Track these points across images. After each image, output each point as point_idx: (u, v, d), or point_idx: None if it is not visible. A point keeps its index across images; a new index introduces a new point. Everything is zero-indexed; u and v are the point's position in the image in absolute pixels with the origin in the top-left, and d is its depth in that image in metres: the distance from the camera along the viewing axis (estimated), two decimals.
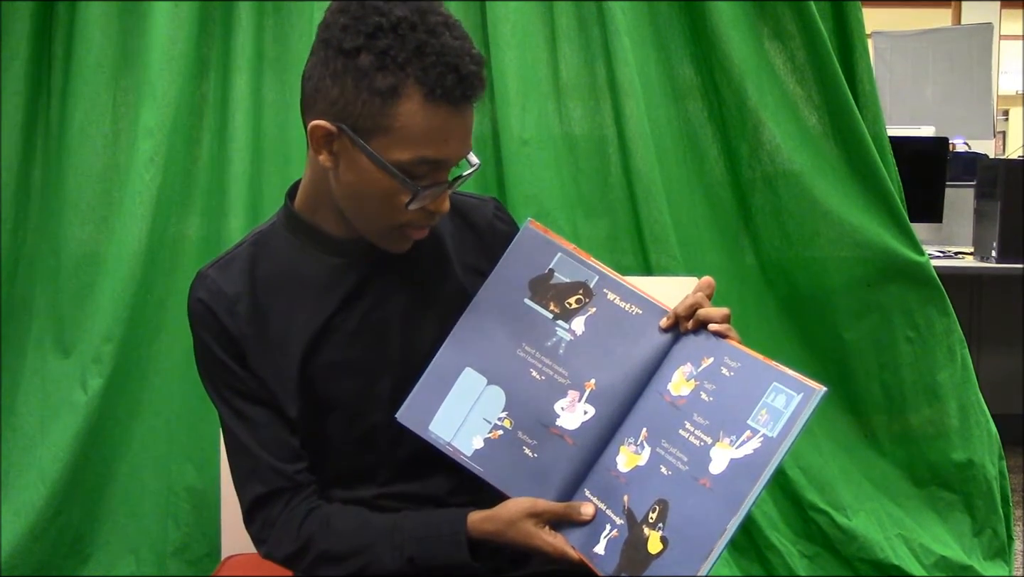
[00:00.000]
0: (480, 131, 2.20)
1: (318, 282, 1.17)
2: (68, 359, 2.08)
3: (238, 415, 1.18)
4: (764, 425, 1.03)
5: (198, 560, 2.10)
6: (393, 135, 1.03)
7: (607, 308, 1.15)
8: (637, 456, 1.09)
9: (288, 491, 1.17)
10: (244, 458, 1.18)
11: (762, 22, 2.18)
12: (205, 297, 1.16)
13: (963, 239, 3.64)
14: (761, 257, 2.26)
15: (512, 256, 1.19)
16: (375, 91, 1.01)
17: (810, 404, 1.01)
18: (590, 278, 1.17)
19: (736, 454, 1.03)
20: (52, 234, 2.10)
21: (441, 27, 1.02)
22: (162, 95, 2.03)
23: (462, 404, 1.15)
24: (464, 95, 1.03)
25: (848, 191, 2.19)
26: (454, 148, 1.06)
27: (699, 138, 2.24)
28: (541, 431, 1.12)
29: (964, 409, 2.26)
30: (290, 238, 1.19)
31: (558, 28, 2.18)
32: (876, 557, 2.20)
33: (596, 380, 1.13)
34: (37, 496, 2.02)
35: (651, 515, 1.04)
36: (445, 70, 1.00)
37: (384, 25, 1.00)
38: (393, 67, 1.00)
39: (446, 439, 1.14)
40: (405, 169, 1.04)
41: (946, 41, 4.96)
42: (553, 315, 1.16)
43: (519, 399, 1.14)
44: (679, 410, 1.09)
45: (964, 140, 4.45)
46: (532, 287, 1.17)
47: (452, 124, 1.04)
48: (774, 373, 1.05)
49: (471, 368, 1.15)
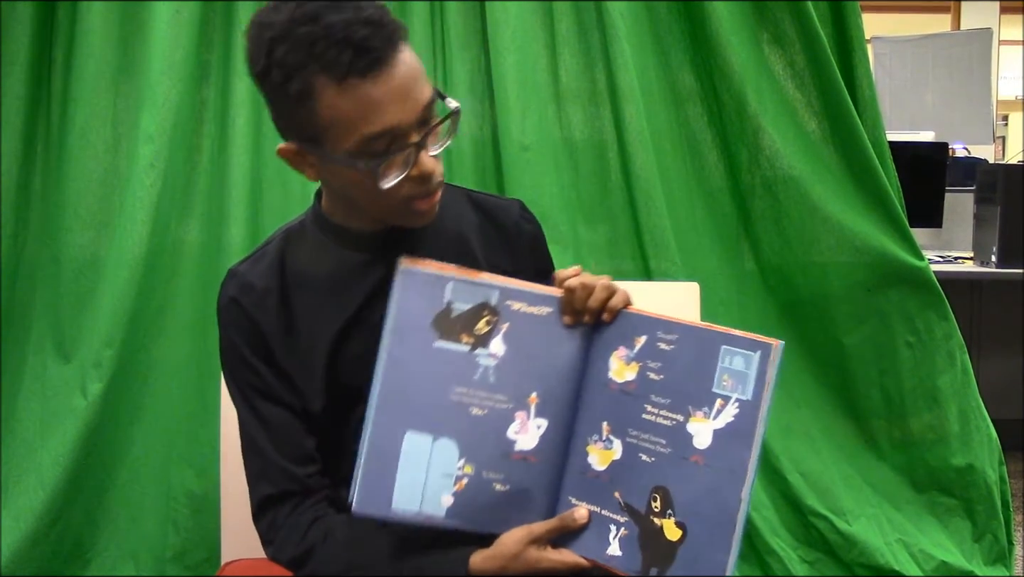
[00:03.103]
0: (480, 136, 2.21)
1: (346, 277, 1.18)
2: (68, 364, 2.08)
3: (256, 415, 1.18)
4: (734, 390, 1.03)
5: (197, 565, 2.09)
6: (330, 130, 1.03)
7: (518, 319, 1.12)
8: (609, 451, 1.09)
9: (297, 495, 1.18)
10: (257, 457, 1.19)
11: (762, 27, 2.18)
12: (235, 293, 1.18)
13: (963, 244, 3.64)
14: (761, 262, 2.26)
15: (401, 304, 1.11)
16: (294, 100, 1.02)
17: (773, 359, 1.02)
18: (490, 296, 1.12)
19: (717, 425, 1.03)
20: (52, 239, 2.10)
21: (324, 9, 0.99)
22: (162, 100, 2.03)
23: (416, 470, 1.08)
24: (371, 61, 0.99)
25: (848, 196, 2.19)
26: (393, 113, 1.01)
27: (699, 143, 2.24)
28: (504, 462, 1.09)
29: (964, 414, 2.26)
30: (318, 235, 1.20)
31: (558, 33, 2.18)
32: (876, 562, 2.20)
33: (536, 392, 1.11)
34: (37, 501, 2.02)
35: (654, 505, 1.04)
36: (339, 49, 0.98)
37: (275, 36, 1.01)
38: (295, 71, 1.00)
39: (414, 510, 1.08)
40: (362, 153, 1.03)
41: (946, 46, 4.97)
42: (469, 346, 1.11)
43: (470, 442, 1.09)
44: (632, 396, 1.08)
45: (964, 145, 4.46)
46: (437, 327, 1.11)
47: (375, 92, 1.00)
48: (719, 336, 1.06)
49: (411, 431, 1.09)
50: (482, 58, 2.19)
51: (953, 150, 4.27)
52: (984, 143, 4.89)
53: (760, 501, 2.23)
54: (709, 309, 2.20)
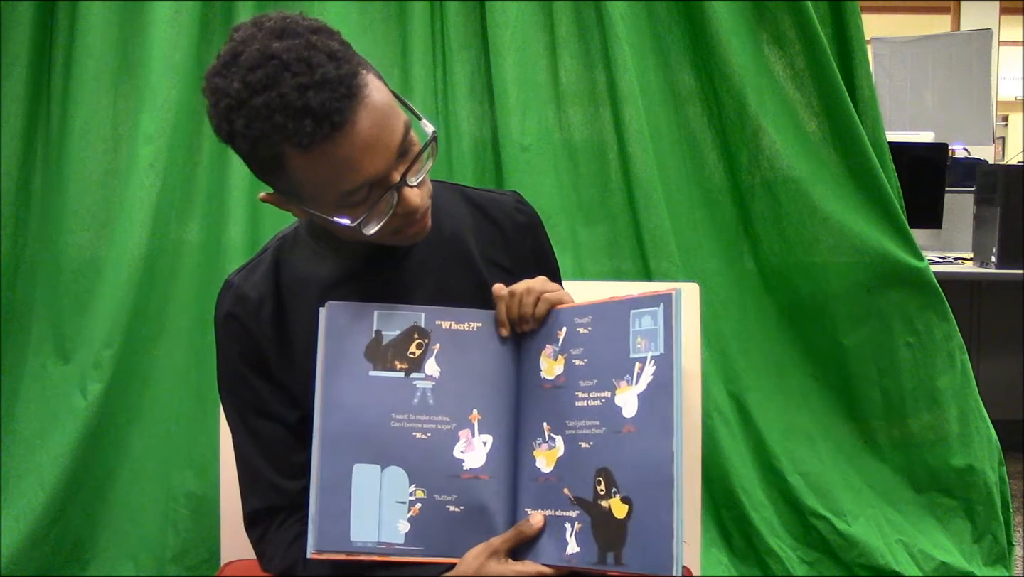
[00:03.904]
0: (480, 137, 2.21)
1: (341, 283, 1.18)
2: (68, 365, 2.09)
3: (248, 429, 1.19)
4: (648, 349, 1.04)
5: (197, 566, 2.10)
6: (308, 191, 1.01)
7: (448, 338, 1.12)
8: (552, 450, 1.09)
9: (284, 509, 1.18)
10: (248, 471, 1.20)
11: (761, 28, 2.18)
12: (231, 308, 1.18)
13: (962, 245, 3.64)
14: (761, 263, 2.26)
15: (330, 340, 1.10)
16: (265, 166, 1.00)
17: (675, 308, 1.03)
18: (417, 318, 1.12)
19: (640, 388, 1.03)
20: (52, 239, 2.10)
21: (277, 74, 0.93)
22: (162, 101, 2.03)
23: (369, 500, 1.08)
24: (333, 125, 0.94)
25: (847, 197, 2.19)
26: (366, 165, 0.98)
27: (699, 144, 2.24)
28: (455, 483, 1.09)
29: (964, 415, 2.26)
30: (311, 243, 1.20)
31: (558, 34, 2.18)
32: (876, 563, 2.20)
33: (477, 408, 1.11)
34: (37, 501, 2.02)
35: (600, 488, 1.04)
36: (298, 120, 0.93)
37: (232, 106, 0.96)
38: (259, 140, 0.96)
39: (373, 540, 1.08)
40: (345, 205, 1.01)
41: (945, 47, 4.97)
42: (404, 372, 1.11)
43: (418, 467, 1.09)
44: (564, 388, 1.09)
45: (963, 146, 4.45)
46: (370, 357, 1.11)
47: (345, 152, 0.96)
48: (627, 303, 1.07)
49: (359, 463, 1.08)
50: (482, 59, 2.19)
51: (953, 151, 4.26)
52: (984, 144, 4.89)
53: (760, 501, 2.23)
54: (709, 309, 2.20)
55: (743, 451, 2.24)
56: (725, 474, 2.19)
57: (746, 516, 2.20)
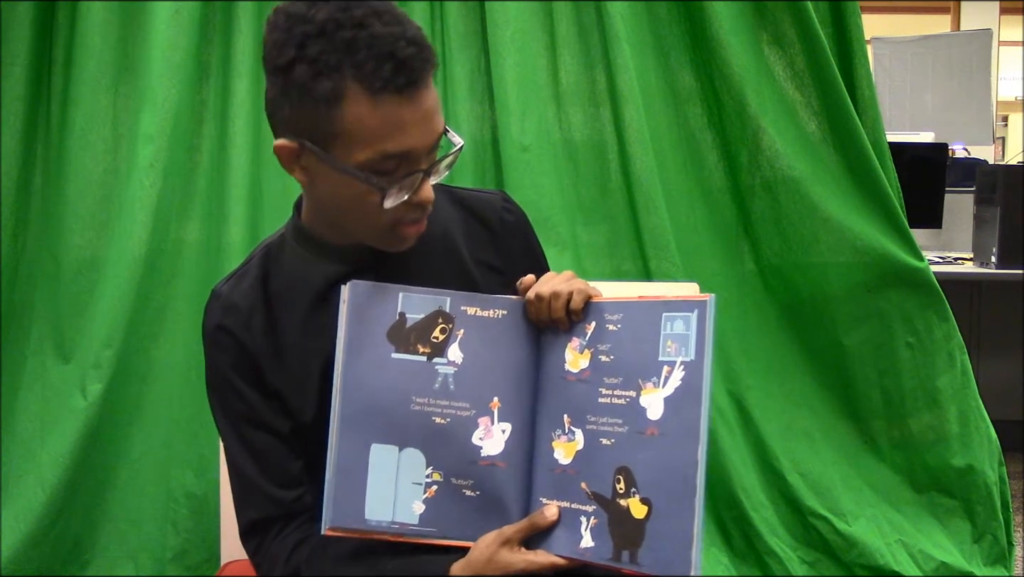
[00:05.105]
0: (480, 137, 2.21)
1: (330, 290, 1.16)
2: (68, 364, 2.09)
3: (242, 441, 1.18)
4: (678, 354, 1.03)
5: (197, 566, 2.10)
6: (348, 138, 1.00)
7: (473, 324, 1.11)
8: (573, 443, 1.09)
9: (281, 519, 1.17)
10: (242, 482, 1.19)
11: (761, 28, 2.19)
12: (221, 319, 1.16)
13: (962, 245, 3.64)
14: (761, 263, 2.26)
15: (353, 321, 1.10)
16: (318, 99, 0.99)
17: (708, 314, 1.02)
18: (443, 303, 1.11)
19: (667, 392, 1.03)
20: (52, 239, 2.10)
21: (370, 18, 0.97)
22: (162, 101, 2.03)
23: (386, 480, 1.08)
24: (409, 81, 0.98)
25: (847, 197, 2.19)
26: (415, 137, 1.01)
27: (699, 144, 2.24)
28: (472, 469, 1.09)
29: (964, 415, 2.26)
30: (298, 248, 1.19)
31: (558, 34, 2.18)
32: (876, 563, 2.20)
33: (498, 397, 1.11)
34: (37, 501, 2.02)
35: (619, 486, 1.04)
36: (380, 61, 0.96)
37: (311, 32, 0.97)
38: (328, 71, 0.98)
39: (387, 520, 1.08)
40: (372, 168, 1.01)
41: (945, 47, 4.97)
42: (427, 356, 1.10)
43: (436, 450, 1.09)
44: (588, 383, 1.09)
45: (963, 146, 4.45)
46: (392, 339, 1.10)
47: (405, 113, 0.99)
48: (659, 305, 1.06)
49: (376, 443, 1.08)
50: (482, 59, 2.19)
51: (953, 151, 4.26)
52: (984, 144, 4.89)
53: (760, 501, 2.23)
54: None
55: (743, 451, 2.24)
56: (725, 474, 2.19)
57: (746, 516, 2.20)
